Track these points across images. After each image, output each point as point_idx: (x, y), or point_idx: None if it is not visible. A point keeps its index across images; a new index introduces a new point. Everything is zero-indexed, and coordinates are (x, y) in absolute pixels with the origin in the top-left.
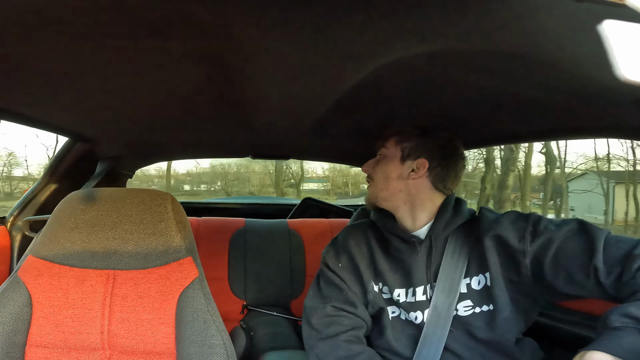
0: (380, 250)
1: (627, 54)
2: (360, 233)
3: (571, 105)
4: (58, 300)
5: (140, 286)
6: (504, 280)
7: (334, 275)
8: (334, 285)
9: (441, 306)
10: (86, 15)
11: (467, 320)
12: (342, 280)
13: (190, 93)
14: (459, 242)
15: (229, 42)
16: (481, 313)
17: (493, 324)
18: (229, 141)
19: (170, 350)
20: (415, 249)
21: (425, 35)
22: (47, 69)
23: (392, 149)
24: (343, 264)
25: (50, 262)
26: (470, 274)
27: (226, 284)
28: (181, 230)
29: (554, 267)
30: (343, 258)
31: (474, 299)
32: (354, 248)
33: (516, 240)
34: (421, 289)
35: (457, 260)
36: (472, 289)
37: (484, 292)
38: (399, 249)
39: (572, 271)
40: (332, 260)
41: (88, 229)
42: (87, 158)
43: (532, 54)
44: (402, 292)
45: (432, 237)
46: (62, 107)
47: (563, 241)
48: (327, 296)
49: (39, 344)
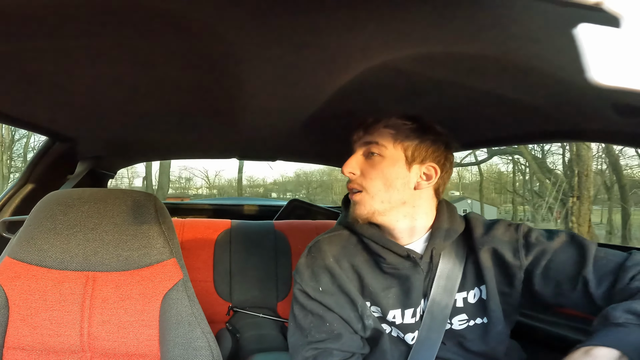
0: (369, 266)
1: (606, 57)
2: (337, 246)
3: (552, 108)
4: (35, 303)
5: (121, 288)
6: (498, 293)
7: (313, 303)
8: (315, 316)
9: (433, 321)
10: (67, 14)
11: (461, 333)
12: (326, 308)
13: (173, 92)
14: (453, 253)
15: (215, 43)
16: (475, 326)
17: (486, 336)
18: (214, 142)
19: (153, 352)
20: (417, 267)
21: (411, 38)
22: (25, 66)
23: (390, 148)
24: (325, 288)
25: (27, 263)
26: (467, 288)
27: (211, 286)
28: (165, 232)
29: (544, 279)
30: (323, 279)
31: (469, 313)
32: (335, 266)
33: (511, 254)
34: (419, 308)
35: (452, 273)
36: (467, 302)
37: (479, 306)
38: (395, 266)
39: (561, 282)
40: (309, 284)
41: (67, 230)
42: (67, 158)
43: (514, 57)
44: (397, 313)
45: (433, 251)
46: (40, 105)
47: (554, 252)
48: (306, 328)
49: (16, 346)
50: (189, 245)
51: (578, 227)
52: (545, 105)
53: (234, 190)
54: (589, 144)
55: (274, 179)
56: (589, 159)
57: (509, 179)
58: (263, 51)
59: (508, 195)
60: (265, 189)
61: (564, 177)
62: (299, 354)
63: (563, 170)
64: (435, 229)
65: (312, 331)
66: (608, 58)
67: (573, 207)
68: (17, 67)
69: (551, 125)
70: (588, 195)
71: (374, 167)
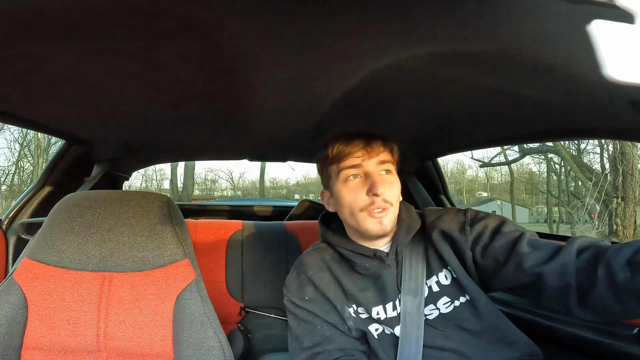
0: (344, 271)
1: (621, 54)
2: (316, 259)
3: (567, 106)
4: (54, 303)
5: (136, 288)
6: (464, 271)
7: (302, 312)
8: (306, 322)
9: (410, 306)
10: (81, 17)
11: (453, 315)
12: (314, 315)
13: (186, 95)
14: (415, 246)
15: (227, 46)
16: (461, 305)
17: (477, 312)
18: (225, 143)
19: (167, 352)
20: (384, 264)
21: (422, 37)
22: (42, 70)
23: (391, 162)
24: (310, 297)
25: (45, 264)
26: (435, 271)
27: (223, 286)
28: (178, 233)
29: (484, 253)
30: (307, 289)
31: (449, 294)
32: (316, 276)
33: (458, 232)
34: (397, 301)
35: (416, 261)
36: (442, 285)
37: (455, 285)
38: (366, 267)
39: (498, 256)
40: (296, 295)
41: (84, 231)
42: (83, 160)
43: (527, 55)
44: (379, 309)
45: (398, 248)
46: (57, 109)
47: (495, 229)
48: (300, 335)
49: (34, 347)
50: (201, 246)
51: (623, 229)
52: (560, 103)
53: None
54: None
55: (296, 181)
56: (634, 157)
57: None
58: (274, 53)
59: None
60: (288, 190)
61: (606, 176)
62: (297, 358)
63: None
64: (398, 228)
65: (306, 337)
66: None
67: (617, 208)
68: (34, 70)
69: (566, 123)
70: (633, 196)
71: (392, 183)
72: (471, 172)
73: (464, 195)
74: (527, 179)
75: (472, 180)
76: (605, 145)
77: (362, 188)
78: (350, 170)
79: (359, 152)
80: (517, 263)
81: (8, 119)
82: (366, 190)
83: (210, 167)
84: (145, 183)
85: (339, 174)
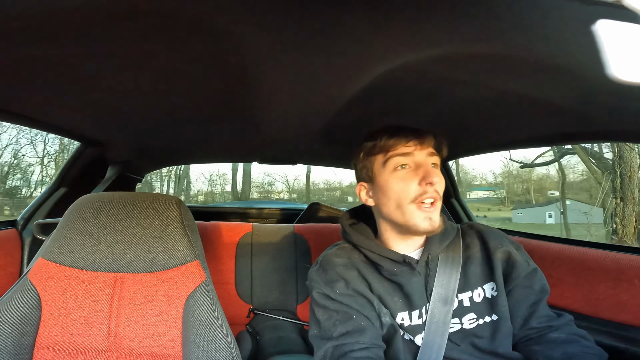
0: (371, 273)
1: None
2: (344, 258)
3: (581, 108)
4: (67, 303)
5: (147, 289)
6: (504, 290)
7: (335, 303)
8: (339, 313)
9: (438, 314)
10: (96, 20)
11: (473, 332)
12: (348, 307)
13: (198, 98)
14: (450, 256)
15: (237, 49)
16: (484, 324)
17: (496, 334)
18: (236, 146)
19: (176, 353)
20: (413, 271)
21: (432, 39)
22: (58, 73)
23: (438, 157)
24: (342, 291)
25: (59, 264)
26: (471, 287)
27: (233, 288)
28: (189, 234)
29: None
30: (338, 285)
31: (476, 311)
32: (345, 273)
33: (525, 263)
34: (424, 309)
35: (450, 270)
36: (474, 302)
37: (485, 304)
38: (393, 272)
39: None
40: (327, 287)
41: (98, 232)
42: (98, 162)
43: (537, 57)
44: (405, 315)
45: (430, 256)
46: (73, 111)
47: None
48: (329, 328)
49: (46, 346)
50: (211, 248)
51: (622, 228)
52: (572, 105)
53: (311, 194)
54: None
55: (350, 182)
56: (631, 159)
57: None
58: (284, 57)
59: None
60: (342, 191)
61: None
62: (323, 347)
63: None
64: (431, 237)
65: (337, 327)
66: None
67: (616, 208)
68: (50, 73)
69: (581, 125)
70: (632, 197)
71: (441, 177)
72: (541, 169)
73: (532, 194)
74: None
75: (543, 178)
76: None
77: (413, 177)
78: (400, 158)
79: (410, 141)
80: (525, 317)
81: (24, 121)
82: (418, 179)
83: (267, 171)
84: (210, 187)
85: (387, 162)
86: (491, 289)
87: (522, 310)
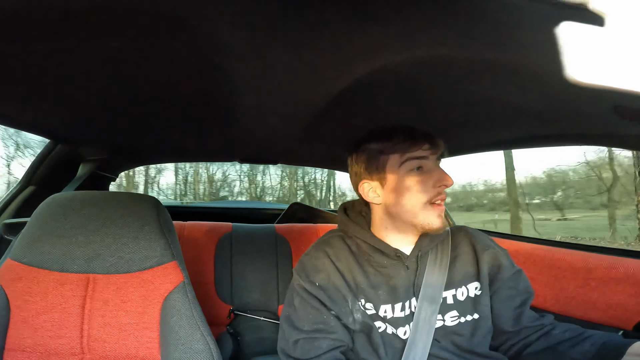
0: (359, 265)
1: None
2: (335, 249)
3: (552, 111)
4: (36, 304)
5: (122, 290)
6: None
7: (311, 298)
8: (311, 307)
9: (425, 313)
10: (69, 17)
11: (454, 329)
12: (319, 302)
13: (175, 96)
14: (439, 254)
15: (216, 45)
16: (466, 323)
17: (476, 332)
18: (215, 145)
19: (154, 355)
20: (402, 265)
21: (413, 42)
22: (28, 68)
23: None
24: (320, 283)
25: (28, 265)
26: (456, 285)
27: (212, 289)
28: (166, 234)
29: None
30: (320, 276)
31: (459, 309)
32: (329, 265)
33: (510, 265)
34: (407, 303)
35: (438, 271)
36: (457, 299)
37: (468, 303)
38: (382, 264)
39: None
40: (307, 280)
41: (69, 232)
42: (69, 160)
43: (512, 61)
44: (388, 307)
45: (420, 252)
46: (43, 107)
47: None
48: (302, 318)
49: (17, 348)
50: (190, 248)
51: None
52: (544, 109)
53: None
54: None
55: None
56: None
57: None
58: (264, 55)
59: None
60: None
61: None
62: (293, 335)
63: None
64: (424, 234)
65: (309, 322)
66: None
67: (638, 205)
68: (19, 68)
69: (553, 128)
70: None
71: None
72: (585, 168)
73: None
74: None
75: (584, 179)
76: None
77: (428, 180)
78: (416, 161)
79: (426, 144)
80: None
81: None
82: (433, 182)
83: None
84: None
85: (404, 163)
86: (475, 288)
87: (509, 310)
